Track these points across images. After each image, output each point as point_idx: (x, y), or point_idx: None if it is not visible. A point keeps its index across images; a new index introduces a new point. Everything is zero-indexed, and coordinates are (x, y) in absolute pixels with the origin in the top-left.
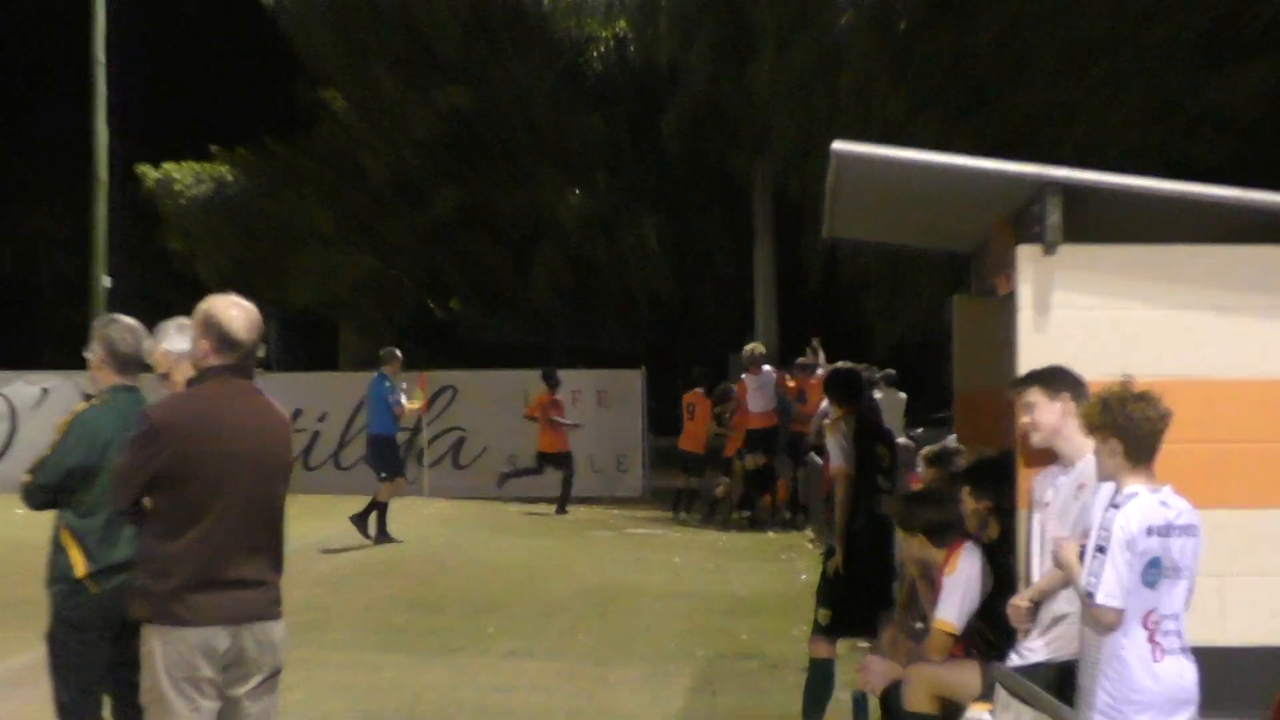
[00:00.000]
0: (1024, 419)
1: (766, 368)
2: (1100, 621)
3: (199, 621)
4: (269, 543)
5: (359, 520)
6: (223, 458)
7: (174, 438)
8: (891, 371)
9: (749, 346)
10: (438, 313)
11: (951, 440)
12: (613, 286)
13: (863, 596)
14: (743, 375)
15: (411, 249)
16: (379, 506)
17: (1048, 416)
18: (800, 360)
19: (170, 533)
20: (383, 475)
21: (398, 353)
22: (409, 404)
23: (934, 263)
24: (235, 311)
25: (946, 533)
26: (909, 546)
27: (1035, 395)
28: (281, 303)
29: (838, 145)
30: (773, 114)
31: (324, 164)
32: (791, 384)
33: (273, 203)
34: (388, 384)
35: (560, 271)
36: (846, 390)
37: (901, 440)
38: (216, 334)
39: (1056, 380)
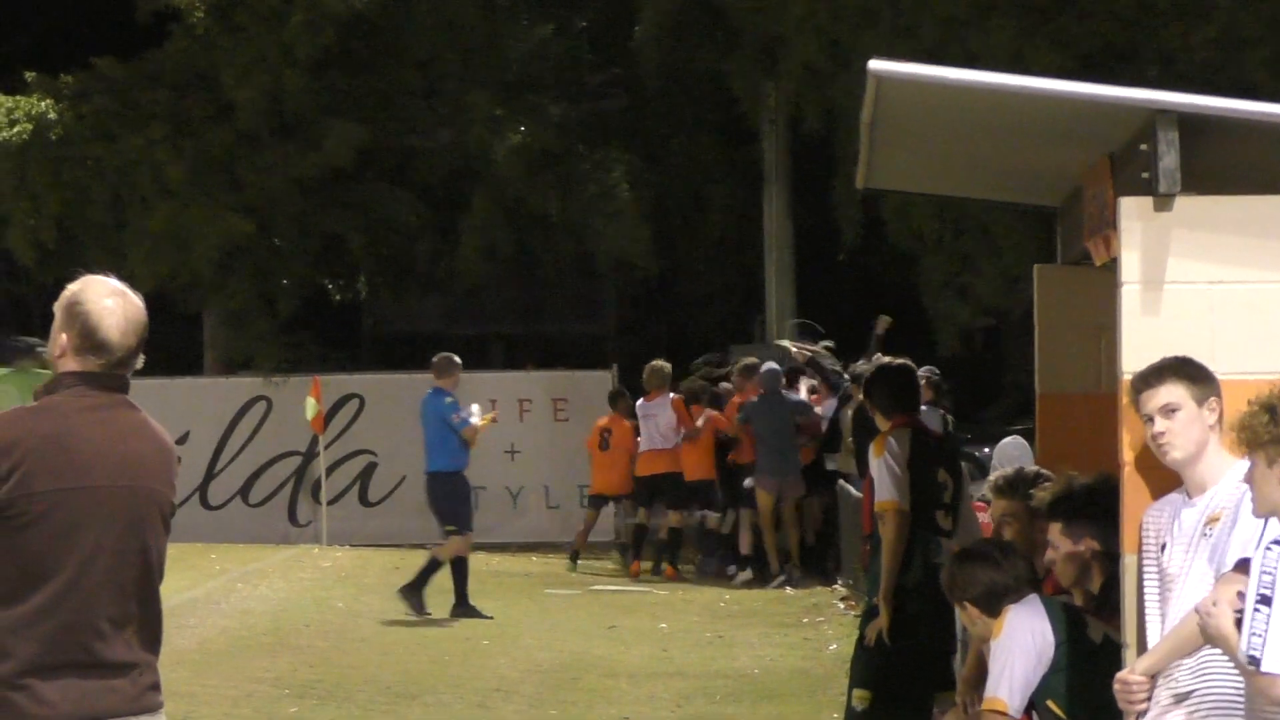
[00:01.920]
0: (1157, 428)
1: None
2: (1271, 697)
3: (49, 719)
4: (141, 612)
5: (412, 592)
6: (79, 496)
7: (13, 465)
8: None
9: (651, 365)
10: (335, 294)
11: (1017, 447)
12: (570, 255)
13: (914, 673)
14: (640, 401)
15: (296, 208)
16: (441, 569)
17: (1194, 428)
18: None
19: (7, 598)
20: (449, 528)
21: (456, 359)
22: (481, 421)
23: (1010, 222)
24: (112, 302)
25: (1006, 599)
26: (965, 617)
27: (1177, 394)
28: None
29: (877, 64)
30: (787, 13)
31: (176, 94)
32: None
33: (108, 147)
34: (448, 400)
35: (498, 235)
36: (897, 394)
37: None
38: (80, 329)
39: (1203, 377)
